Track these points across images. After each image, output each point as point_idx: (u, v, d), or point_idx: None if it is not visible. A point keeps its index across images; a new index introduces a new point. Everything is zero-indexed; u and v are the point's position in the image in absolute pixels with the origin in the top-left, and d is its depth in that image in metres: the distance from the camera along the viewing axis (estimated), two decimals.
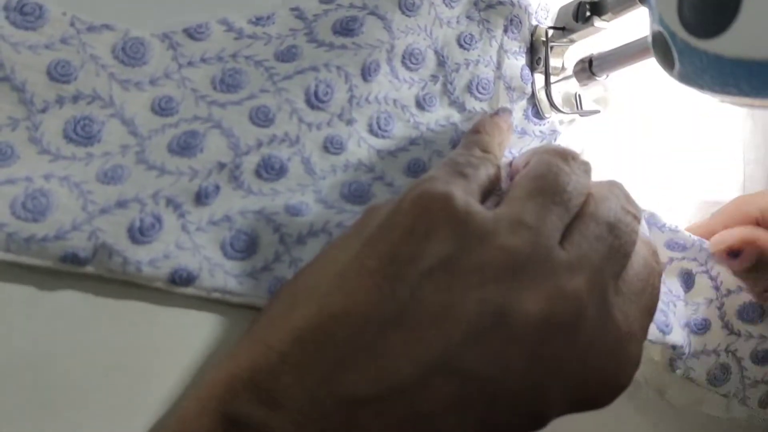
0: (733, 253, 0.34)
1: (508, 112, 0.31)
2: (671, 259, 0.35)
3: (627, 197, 0.27)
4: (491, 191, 0.27)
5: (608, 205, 0.26)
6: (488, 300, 0.22)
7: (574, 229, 0.25)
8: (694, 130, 0.40)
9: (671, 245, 0.34)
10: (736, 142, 0.42)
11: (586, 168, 0.27)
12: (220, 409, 0.22)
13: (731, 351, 0.36)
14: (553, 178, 0.25)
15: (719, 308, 0.36)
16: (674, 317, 0.33)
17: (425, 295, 0.22)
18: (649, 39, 0.28)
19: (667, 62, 0.27)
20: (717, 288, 0.35)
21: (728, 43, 0.24)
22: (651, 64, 0.30)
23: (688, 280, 0.35)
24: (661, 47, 0.27)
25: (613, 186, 0.28)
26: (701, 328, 0.35)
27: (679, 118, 0.39)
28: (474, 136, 0.29)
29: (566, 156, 0.27)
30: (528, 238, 0.23)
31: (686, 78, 0.27)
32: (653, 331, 0.32)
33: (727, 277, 0.35)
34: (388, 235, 0.23)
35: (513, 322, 0.22)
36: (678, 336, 0.33)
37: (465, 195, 0.24)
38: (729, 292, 0.36)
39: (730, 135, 0.42)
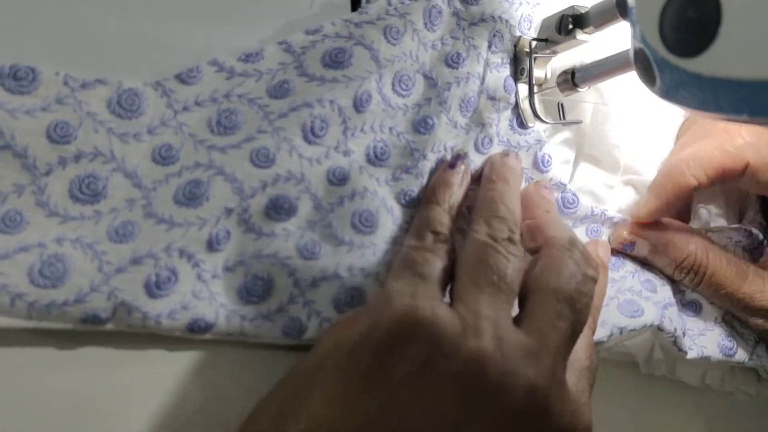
0: (627, 246, 0.36)
1: (461, 161, 0.31)
2: None
3: (585, 257, 0.28)
4: (448, 281, 0.28)
5: (568, 272, 0.27)
6: (466, 406, 0.23)
7: (536, 308, 0.26)
8: None
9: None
10: None
11: (516, 246, 0.28)
12: None
13: (726, 320, 0.37)
14: (494, 266, 0.26)
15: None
16: (645, 302, 0.34)
17: (406, 400, 0.23)
18: (631, 54, 0.29)
19: (648, 78, 0.28)
20: None
21: (708, 63, 0.25)
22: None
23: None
24: (643, 63, 0.28)
25: (572, 246, 0.28)
26: (695, 310, 0.37)
27: None
28: (425, 213, 0.29)
29: (496, 238, 0.27)
30: (492, 333, 0.24)
31: (667, 94, 0.28)
32: (625, 321, 0.33)
33: None
34: (367, 346, 0.24)
35: (492, 416, 0.23)
36: (651, 316, 0.33)
37: (431, 302, 0.25)
38: None
39: None
